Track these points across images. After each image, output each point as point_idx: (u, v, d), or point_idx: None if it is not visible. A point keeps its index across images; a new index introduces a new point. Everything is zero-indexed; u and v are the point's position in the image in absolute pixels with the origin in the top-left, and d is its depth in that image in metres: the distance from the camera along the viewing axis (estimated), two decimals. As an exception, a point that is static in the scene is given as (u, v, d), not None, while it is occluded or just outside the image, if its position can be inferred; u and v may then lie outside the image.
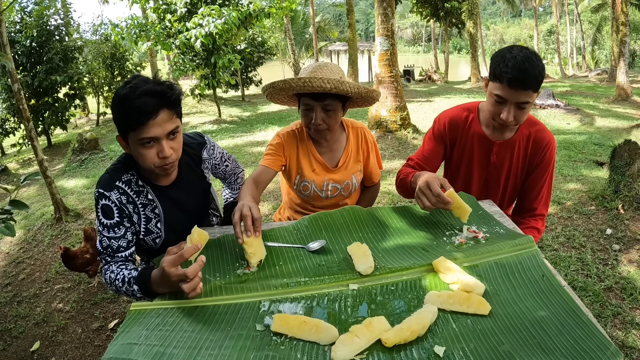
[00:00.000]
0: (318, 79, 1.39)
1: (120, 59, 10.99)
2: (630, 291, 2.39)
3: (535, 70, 1.31)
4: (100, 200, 1.27)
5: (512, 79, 1.32)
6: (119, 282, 1.18)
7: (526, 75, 1.31)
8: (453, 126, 1.63)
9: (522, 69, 1.30)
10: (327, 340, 0.86)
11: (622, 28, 9.65)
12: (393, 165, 5.15)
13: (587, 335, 0.84)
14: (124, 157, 1.35)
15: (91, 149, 6.68)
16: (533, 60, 1.32)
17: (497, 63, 1.37)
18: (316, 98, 1.48)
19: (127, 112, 1.15)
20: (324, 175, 1.71)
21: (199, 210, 1.55)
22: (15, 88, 3.53)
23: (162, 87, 1.18)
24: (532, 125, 1.55)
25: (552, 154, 1.55)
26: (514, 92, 1.34)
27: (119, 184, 1.29)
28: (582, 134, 6.43)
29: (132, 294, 1.17)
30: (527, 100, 1.35)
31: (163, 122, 1.18)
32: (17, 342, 2.42)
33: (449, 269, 1.03)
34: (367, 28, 52.18)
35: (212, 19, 7.07)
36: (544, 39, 35.74)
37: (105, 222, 1.26)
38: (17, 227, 3.93)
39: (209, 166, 1.55)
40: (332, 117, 1.53)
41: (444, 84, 16.35)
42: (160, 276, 1.03)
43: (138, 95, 1.14)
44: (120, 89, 1.18)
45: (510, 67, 1.32)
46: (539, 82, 1.34)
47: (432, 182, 1.24)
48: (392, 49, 6.25)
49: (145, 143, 1.18)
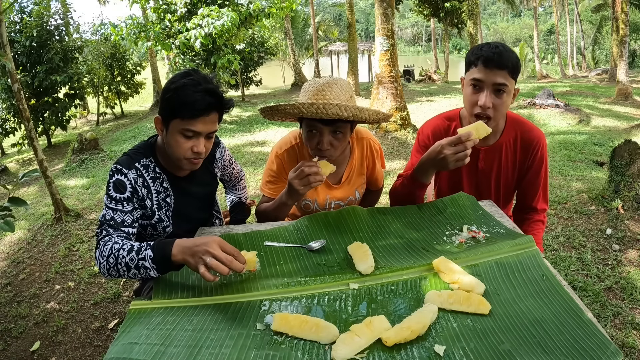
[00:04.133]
0: (334, 106, 1.23)
1: (120, 59, 11.01)
2: (630, 291, 2.39)
3: (509, 54, 1.34)
4: (116, 175, 1.27)
5: (487, 59, 1.33)
6: (124, 252, 1.09)
7: (501, 55, 1.32)
8: (437, 136, 1.58)
9: (496, 50, 1.33)
10: (328, 340, 0.86)
11: (622, 28, 9.65)
12: (393, 166, 5.15)
13: (587, 334, 0.84)
14: (143, 144, 1.38)
15: (91, 149, 6.68)
16: (507, 47, 1.36)
17: (472, 50, 1.40)
18: (325, 122, 1.31)
19: (185, 101, 1.19)
20: (326, 194, 1.61)
21: (206, 207, 1.58)
22: (15, 88, 3.54)
23: (220, 91, 1.25)
24: (518, 125, 1.52)
25: (544, 152, 1.53)
26: (490, 72, 1.33)
27: (137, 166, 1.32)
28: (582, 134, 6.43)
29: (133, 267, 1.08)
30: (503, 81, 1.33)
31: (210, 122, 1.25)
32: (17, 342, 2.42)
33: (449, 268, 1.03)
34: (367, 28, 52.16)
35: (211, 19, 7.07)
36: (544, 39, 35.77)
37: (115, 195, 1.25)
38: (17, 227, 3.93)
39: (220, 166, 1.58)
40: (341, 141, 1.38)
41: (444, 84, 16.35)
42: (201, 239, 0.99)
43: (200, 90, 1.19)
44: (180, 77, 1.22)
45: (485, 49, 1.35)
46: (515, 67, 1.34)
47: (444, 141, 1.25)
48: (392, 49, 6.25)
49: (187, 134, 1.23)
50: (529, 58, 24.91)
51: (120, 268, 1.10)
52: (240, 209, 1.81)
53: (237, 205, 1.81)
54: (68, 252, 3.36)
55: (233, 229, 1.40)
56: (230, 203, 1.83)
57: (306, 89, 1.38)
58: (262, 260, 1.18)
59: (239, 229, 1.40)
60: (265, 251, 1.21)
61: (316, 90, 1.34)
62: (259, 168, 5.28)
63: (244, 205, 1.82)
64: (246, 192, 1.86)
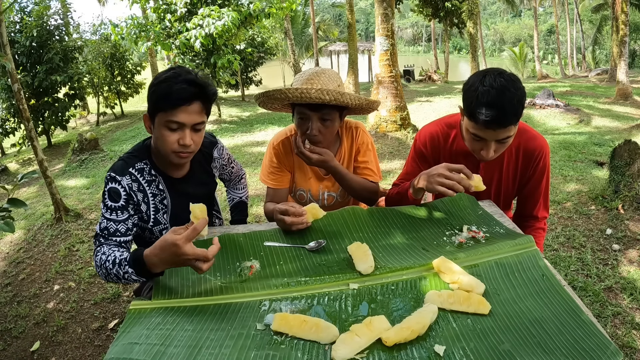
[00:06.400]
0: (317, 90, 1.31)
1: (120, 59, 11.00)
2: (630, 291, 2.39)
3: (513, 103, 1.18)
4: (110, 183, 1.28)
5: (488, 121, 1.20)
6: (109, 264, 1.13)
7: (503, 114, 1.18)
8: (434, 145, 1.55)
9: (498, 107, 1.17)
10: (328, 340, 0.86)
11: (622, 28, 9.65)
12: (393, 166, 5.14)
13: (587, 334, 0.84)
14: (139, 147, 1.38)
15: (91, 149, 6.68)
16: (510, 90, 1.18)
17: (470, 99, 1.24)
18: (313, 108, 1.40)
19: (165, 93, 1.19)
20: (318, 184, 1.66)
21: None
22: (15, 88, 3.53)
23: (202, 80, 1.24)
24: (521, 134, 1.45)
25: (546, 161, 1.48)
26: (492, 132, 1.23)
27: (132, 171, 1.31)
28: (582, 134, 6.43)
29: (122, 278, 1.12)
30: (507, 135, 1.25)
31: (194, 112, 1.23)
32: (17, 342, 2.42)
33: (449, 268, 1.03)
34: (367, 28, 52.16)
35: (211, 19, 7.07)
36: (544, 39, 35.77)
37: (110, 204, 1.27)
38: (17, 228, 3.93)
39: (218, 166, 1.58)
40: (329, 128, 1.45)
41: (444, 84, 16.35)
42: (170, 254, 0.99)
43: (180, 81, 1.19)
44: (163, 73, 1.24)
45: (485, 105, 1.19)
46: (519, 114, 1.21)
47: (446, 165, 1.23)
48: (392, 49, 6.25)
49: (172, 126, 1.22)
50: (529, 58, 24.92)
51: (113, 277, 1.15)
52: (241, 208, 1.81)
53: (237, 205, 1.81)
54: (68, 252, 3.36)
55: (233, 229, 1.40)
56: (231, 203, 1.82)
57: (297, 78, 1.48)
58: (262, 260, 1.18)
59: (239, 229, 1.40)
60: (265, 251, 1.21)
61: (305, 80, 1.43)
62: (259, 168, 5.28)
63: (245, 205, 1.82)
64: (247, 191, 1.85)
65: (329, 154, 1.45)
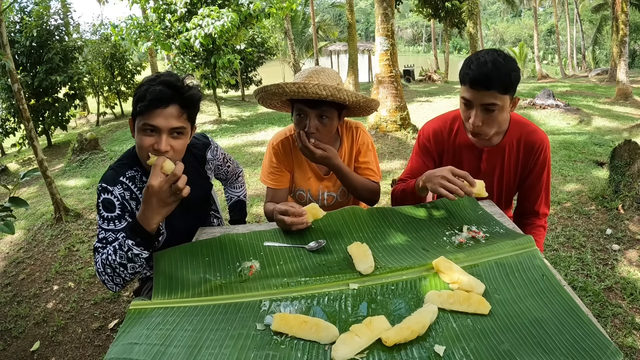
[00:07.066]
0: (314, 85, 1.30)
1: (120, 59, 10.99)
2: (630, 291, 2.39)
3: (500, 71, 1.27)
4: (102, 195, 1.26)
5: (473, 80, 1.29)
6: (112, 256, 1.14)
7: (488, 76, 1.27)
8: (438, 138, 1.58)
9: (484, 70, 1.27)
10: (328, 340, 0.86)
11: (622, 28, 9.65)
12: (393, 166, 5.14)
13: (587, 334, 0.84)
14: (128, 154, 1.36)
15: (91, 149, 6.68)
16: (500, 61, 1.28)
17: (464, 66, 1.35)
18: (311, 105, 1.38)
19: (141, 96, 1.17)
20: (318, 184, 1.66)
21: (200, 211, 1.55)
22: (15, 88, 3.53)
23: (181, 83, 1.20)
24: (522, 127, 1.50)
25: (547, 155, 1.51)
26: (477, 93, 1.31)
27: (123, 180, 1.30)
28: (582, 134, 6.43)
29: (128, 261, 1.13)
30: (492, 101, 1.30)
31: (170, 116, 1.19)
32: (17, 342, 2.42)
33: (449, 268, 1.03)
34: (367, 28, 52.15)
35: (211, 20, 7.07)
36: (544, 39, 35.77)
37: (106, 215, 1.26)
38: (17, 228, 3.93)
39: (212, 167, 1.56)
40: (326, 126, 1.43)
41: (444, 84, 16.35)
42: (149, 196, 1.10)
43: (157, 83, 1.17)
44: (147, 77, 1.23)
45: (473, 68, 1.30)
46: (506, 84, 1.28)
47: (451, 168, 1.25)
48: (392, 49, 6.25)
49: (147, 130, 1.19)
50: (529, 58, 24.92)
51: (119, 272, 1.15)
52: (239, 207, 1.80)
53: (236, 204, 1.80)
54: (68, 252, 3.36)
55: (233, 229, 1.40)
56: (229, 202, 1.82)
57: (297, 76, 1.48)
58: (262, 260, 1.18)
59: (239, 228, 1.40)
60: (265, 251, 1.21)
61: (304, 77, 1.43)
62: (259, 168, 5.28)
63: (244, 204, 1.81)
64: (245, 189, 1.84)
65: (332, 151, 1.44)
